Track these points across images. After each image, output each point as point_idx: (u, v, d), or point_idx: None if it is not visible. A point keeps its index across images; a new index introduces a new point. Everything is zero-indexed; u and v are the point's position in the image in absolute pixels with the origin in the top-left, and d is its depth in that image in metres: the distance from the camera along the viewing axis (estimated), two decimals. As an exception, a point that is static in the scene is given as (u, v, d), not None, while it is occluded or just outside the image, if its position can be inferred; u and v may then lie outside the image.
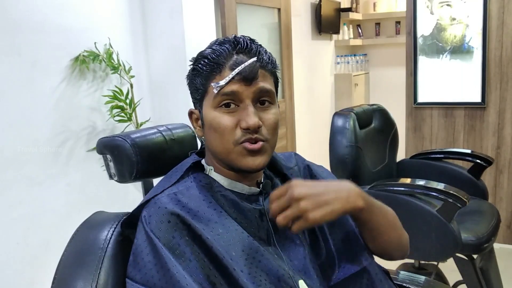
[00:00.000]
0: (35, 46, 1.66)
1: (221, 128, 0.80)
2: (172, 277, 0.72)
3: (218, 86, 0.79)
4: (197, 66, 0.84)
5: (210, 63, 0.81)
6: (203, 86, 0.83)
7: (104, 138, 0.96)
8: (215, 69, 0.81)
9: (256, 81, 0.81)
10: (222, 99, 0.80)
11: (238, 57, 0.81)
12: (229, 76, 0.79)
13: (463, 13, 2.79)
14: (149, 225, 0.77)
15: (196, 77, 0.84)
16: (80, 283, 0.77)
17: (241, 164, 0.81)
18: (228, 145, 0.81)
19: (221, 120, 0.80)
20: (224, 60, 0.81)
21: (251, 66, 0.80)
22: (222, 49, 0.82)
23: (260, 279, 0.77)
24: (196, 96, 0.86)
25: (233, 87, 0.79)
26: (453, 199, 1.67)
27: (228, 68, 0.80)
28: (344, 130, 2.03)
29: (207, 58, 0.82)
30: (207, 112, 0.82)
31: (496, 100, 2.79)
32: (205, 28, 2.20)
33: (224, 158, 0.83)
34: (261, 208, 0.86)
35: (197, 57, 0.85)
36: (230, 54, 0.81)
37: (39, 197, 1.69)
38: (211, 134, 0.83)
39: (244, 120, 0.79)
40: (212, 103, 0.81)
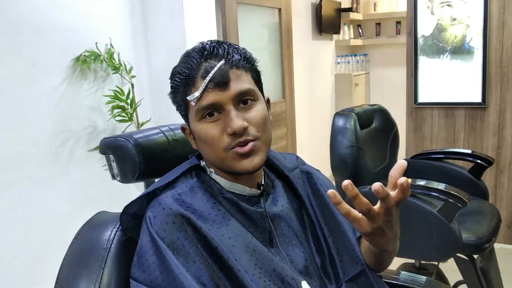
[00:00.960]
0: (36, 46, 1.66)
1: (209, 139, 0.80)
2: (175, 278, 0.72)
3: (194, 99, 0.79)
4: (173, 83, 0.83)
5: (183, 78, 0.81)
6: (183, 102, 0.82)
7: (107, 138, 0.96)
8: (189, 82, 0.80)
9: (230, 84, 0.79)
10: (203, 111, 0.79)
11: (208, 64, 0.79)
12: (202, 86, 0.78)
13: (464, 14, 2.79)
14: (153, 226, 0.77)
15: (175, 94, 0.84)
16: (83, 283, 0.77)
17: (238, 168, 0.81)
18: (220, 153, 0.80)
19: (208, 131, 0.80)
20: (196, 71, 0.80)
21: (221, 70, 0.78)
22: (191, 60, 0.81)
23: (264, 280, 0.78)
24: (181, 112, 0.86)
25: (209, 97, 0.78)
26: (454, 199, 1.67)
27: (200, 78, 0.79)
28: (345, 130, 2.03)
29: (179, 73, 0.81)
30: (194, 126, 0.83)
31: (497, 100, 2.79)
32: (206, 28, 2.21)
33: (221, 165, 0.83)
34: (262, 210, 0.86)
35: (172, 73, 0.84)
36: (200, 63, 0.80)
37: (40, 197, 1.69)
38: (202, 145, 0.83)
39: (228, 126, 0.78)
40: (196, 116, 0.81)
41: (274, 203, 0.89)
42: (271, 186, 0.91)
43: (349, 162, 2.01)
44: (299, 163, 1.01)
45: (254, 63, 0.86)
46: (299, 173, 0.98)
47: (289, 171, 0.96)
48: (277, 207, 0.89)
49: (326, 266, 0.89)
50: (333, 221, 0.93)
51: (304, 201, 0.93)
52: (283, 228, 0.87)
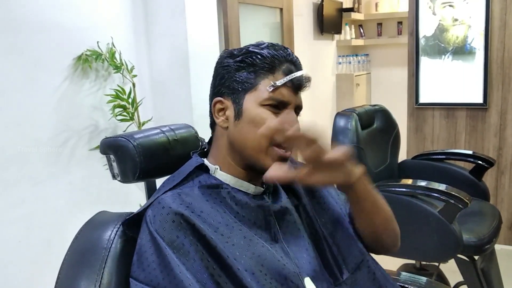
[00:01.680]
0: (37, 45, 1.66)
1: (263, 125, 0.82)
2: (175, 276, 0.72)
3: (274, 86, 0.82)
4: (249, 60, 0.84)
5: (266, 62, 0.84)
6: (251, 80, 0.84)
7: (108, 138, 0.96)
8: (270, 69, 0.84)
9: (300, 94, 0.86)
10: (272, 100, 0.83)
11: (289, 65, 0.85)
12: (285, 79, 0.83)
13: (466, 14, 2.78)
14: (153, 224, 0.77)
15: (243, 69, 0.85)
16: (84, 283, 0.77)
17: (267, 166, 0.81)
18: (262, 143, 0.82)
19: (266, 119, 0.82)
20: (279, 63, 0.84)
21: (302, 77, 0.85)
22: (278, 53, 0.85)
23: (265, 278, 0.78)
24: (236, 87, 0.85)
25: (284, 93, 0.83)
26: (455, 200, 1.67)
27: (281, 72, 0.84)
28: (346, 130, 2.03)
29: (263, 56, 0.84)
30: (251, 107, 0.83)
31: (498, 101, 2.79)
32: (208, 27, 2.21)
33: (251, 155, 0.84)
34: (266, 206, 0.87)
35: (248, 51, 0.86)
36: (283, 60, 0.85)
37: (41, 196, 1.70)
38: (249, 128, 0.83)
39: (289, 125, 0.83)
40: (260, 100, 0.83)
41: (277, 199, 0.91)
42: (272, 185, 0.92)
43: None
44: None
45: None
46: None
47: None
48: (279, 203, 0.90)
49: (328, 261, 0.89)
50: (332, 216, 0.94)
51: (301, 197, 0.94)
52: (286, 224, 0.88)
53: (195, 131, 1.05)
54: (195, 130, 1.05)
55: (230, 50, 0.89)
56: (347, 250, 0.91)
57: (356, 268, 0.90)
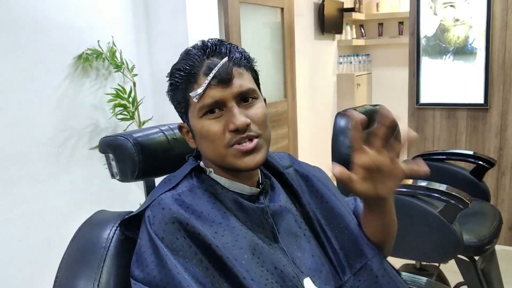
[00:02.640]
0: (38, 44, 1.66)
1: (210, 136, 0.80)
2: (174, 278, 0.72)
3: (196, 95, 0.79)
4: (173, 80, 0.83)
5: (185, 74, 0.81)
6: (183, 99, 0.82)
7: (107, 137, 0.96)
8: (191, 79, 0.80)
9: (233, 81, 0.79)
10: (205, 107, 0.79)
11: (210, 61, 0.80)
12: (205, 83, 0.78)
13: (467, 14, 2.78)
14: (152, 226, 0.77)
15: (175, 91, 0.84)
16: (82, 282, 0.77)
17: (239, 165, 0.81)
18: (220, 150, 0.80)
19: (210, 128, 0.80)
20: (198, 68, 0.80)
21: (224, 67, 0.79)
22: (193, 57, 0.81)
23: (266, 277, 0.77)
24: (180, 110, 0.85)
25: (212, 93, 0.78)
26: (455, 201, 1.67)
27: (202, 75, 0.79)
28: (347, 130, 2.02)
29: (181, 70, 0.81)
30: (194, 123, 0.82)
31: (499, 102, 2.79)
32: (209, 27, 2.20)
33: (221, 163, 0.83)
34: (263, 206, 0.86)
35: (171, 71, 0.84)
36: (202, 60, 0.80)
37: (41, 195, 1.70)
38: (202, 143, 0.83)
39: (231, 122, 0.78)
40: (197, 113, 0.81)
41: (274, 200, 0.90)
42: (269, 184, 0.92)
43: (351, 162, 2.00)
44: (293, 162, 1.01)
45: (253, 63, 0.87)
46: (294, 171, 0.98)
47: (283, 168, 0.97)
48: (277, 203, 0.89)
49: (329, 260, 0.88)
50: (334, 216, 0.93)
51: (300, 197, 0.93)
52: (285, 225, 0.87)
53: (194, 130, 1.05)
54: (195, 129, 1.05)
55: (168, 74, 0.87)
56: (352, 251, 0.89)
57: (360, 269, 0.88)
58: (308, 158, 1.07)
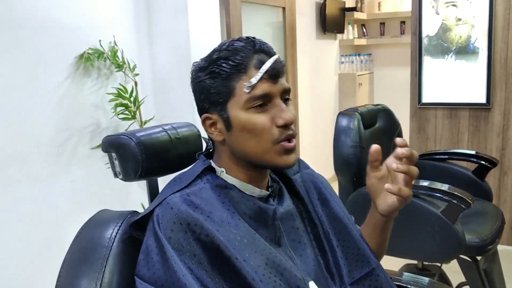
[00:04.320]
0: (39, 44, 1.66)
1: (258, 129, 0.80)
2: (179, 279, 0.72)
3: (250, 86, 0.79)
4: (216, 68, 0.81)
5: (234, 64, 0.80)
6: (226, 88, 0.80)
7: (110, 136, 0.96)
8: (241, 70, 0.80)
9: (281, 78, 0.82)
10: (254, 99, 0.79)
11: (259, 56, 0.81)
12: (259, 74, 0.79)
13: (469, 14, 2.77)
14: (160, 225, 0.76)
15: (215, 79, 0.81)
16: (85, 281, 0.77)
17: (278, 163, 0.81)
18: (266, 145, 0.80)
19: (257, 121, 0.80)
20: (248, 60, 0.80)
21: (276, 63, 0.81)
22: (243, 49, 0.81)
23: (274, 279, 0.78)
24: (215, 99, 0.82)
25: (263, 87, 0.79)
26: (458, 200, 1.66)
27: (253, 68, 0.79)
28: (349, 130, 2.02)
29: (229, 59, 0.80)
30: (238, 114, 0.80)
31: (501, 101, 2.78)
32: (210, 27, 2.20)
33: (259, 158, 0.82)
34: (272, 209, 0.86)
35: (213, 59, 0.82)
36: (251, 54, 0.81)
37: (42, 194, 1.69)
38: (244, 136, 0.81)
39: (280, 117, 0.79)
40: (243, 104, 0.80)
41: (281, 203, 0.90)
42: (278, 188, 0.92)
43: (353, 162, 2.00)
44: (301, 167, 1.01)
45: None
46: (301, 177, 0.98)
47: (292, 174, 0.97)
48: (284, 207, 0.89)
49: (330, 267, 0.89)
50: (338, 223, 0.93)
51: (306, 203, 0.94)
52: (290, 228, 0.88)
53: (197, 129, 1.04)
54: (197, 129, 1.04)
55: (198, 63, 0.85)
56: (354, 258, 0.90)
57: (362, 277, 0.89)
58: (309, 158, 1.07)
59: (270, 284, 0.76)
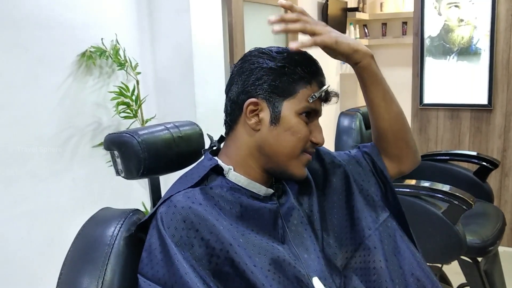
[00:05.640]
0: (41, 42, 1.66)
1: (301, 134, 0.85)
2: (182, 277, 0.72)
3: (314, 98, 0.85)
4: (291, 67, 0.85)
5: (307, 72, 0.86)
6: (292, 88, 0.85)
7: (112, 134, 0.95)
8: (308, 80, 0.86)
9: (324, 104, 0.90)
10: (308, 109, 0.86)
11: (321, 78, 0.89)
12: (321, 91, 0.86)
13: (471, 15, 2.77)
14: (163, 223, 0.76)
15: (284, 75, 0.85)
16: (87, 279, 0.77)
17: (296, 172, 0.87)
18: (296, 151, 0.86)
19: (303, 128, 0.86)
20: (315, 76, 0.87)
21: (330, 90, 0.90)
22: (314, 65, 0.88)
23: (279, 275, 0.78)
24: (276, 91, 0.85)
25: (317, 104, 0.87)
26: (459, 201, 1.66)
27: (316, 84, 0.87)
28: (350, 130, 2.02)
29: (305, 66, 0.86)
30: (290, 114, 0.85)
31: (503, 103, 2.78)
32: (212, 26, 2.20)
33: (283, 160, 0.86)
34: (276, 208, 0.87)
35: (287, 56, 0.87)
36: (317, 73, 0.88)
37: (44, 192, 1.69)
38: (285, 135, 0.85)
39: (317, 136, 0.88)
40: (299, 108, 0.85)
41: (285, 201, 0.91)
42: (281, 187, 0.93)
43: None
44: None
45: None
46: None
47: None
48: (287, 204, 0.90)
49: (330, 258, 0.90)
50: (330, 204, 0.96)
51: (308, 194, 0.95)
52: (294, 225, 0.89)
53: (199, 128, 1.04)
54: (200, 128, 1.04)
55: (266, 50, 0.89)
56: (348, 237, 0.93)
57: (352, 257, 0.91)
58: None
59: (275, 280, 0.77)
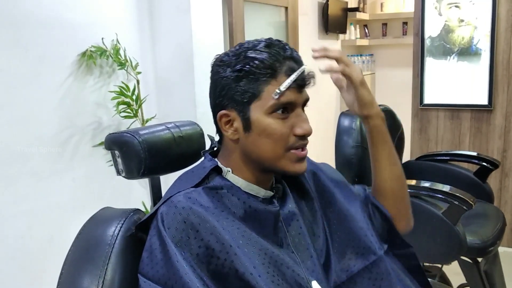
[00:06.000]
0: (42, 41, 1.66)
1: (276, 135, 0.80)
2: (181, 277, 0.72)
3: (279, 93, 0.79)
4: (247, 67, 0.79)
5: (266, 67, 0.79)
6: (254, 89, 0.79)
7: (113, 134, 0.95)
8: (271, 74, 0.79)
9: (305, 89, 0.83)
10: (278, 106, 0.79)
11: (290, 63, 0.81)
12: (288, 82, 0.79)
13: (472, 15, 2.77)
14: (164, 223, 0.76)
15: (243, 78, 0.79)
16: (87, 279, 0.77)
17: (291, 169, 0.83)
18: (280, 151, 0.81)
19: (277, 127, 0.80)
20: (279, 65, 0.80)
21: (303, 73, 0.81)
22: (276, 53, 0.80)
23: (278, 278, 0.78)
24: (239, 98, 0.80)
25: (289, 95, 0.80)
26: (459, 202, 1.66)
27: (283, 74, 0.79)
28: (351, 130, 2.02)
29: (260, 61, 0.79)
30: (259, 118, 0.80)
31: (503, 103, 2.78)
32: (212, 25, 2.20)
33: (271, 164, 0.83)
34: (276, 210, 0.86)
35: (243, 57, 0.80)
36: (284, 60, 0.80)
37: (44, 192, 1.69)
38: (261, 139, 0.81)
39: (300, 126, 0.81)
40: (267, 109, 0.80)
41: (285, 203, 0.90)
42: (281, 189, 0.92)
43: (354, 162, 2.00)
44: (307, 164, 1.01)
45: None
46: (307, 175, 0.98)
47: None
48: (288, 207, 0.89)
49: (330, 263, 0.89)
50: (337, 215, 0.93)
51: (312, 198, 0.94)
52: (293, 229, 0.88)
53: (200, 128, 1.04)
54: (200, 127, 1.04)
55: (223, 57, 0.84)
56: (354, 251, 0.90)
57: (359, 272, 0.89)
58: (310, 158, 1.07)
59: (274, 283, 0.77)
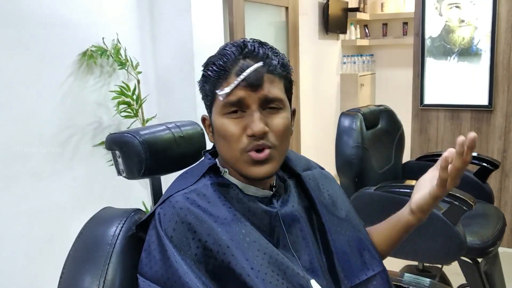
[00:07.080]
0: (42, 41, 1.66)
1: (228, 136, 0.79)
2: (180, 277, 0.72)
3: (222, 94, 0.78)
4: (205, 72, 0.83)
5: (217, 69, 0.80)
6: (211, 93, 0.82)
7: (113, 134, 0.96)
8: (222, 76, 0.79)
9: (262, 87, 0.78)
10: (228, 105, 0.79)
11: (245, 62, 0.78)
12: (234, 83, 0.77)
13: (472, 15, 2.77)
14: (162, 224, 0.76)
15: (205, 83, 0.83)
16: (88, 279, 0.77)
17: (248, 173, 0.80)
18: (235, 153, 0.80)
19: (228, 128, 0.79)
20: (231, 66, 0.79)
21: (256, 72, 0.78)
22: (229, 54, 0.79)
23: (277, 278, 0.77)
24: (206, 103, 0.85)
25: (239, 94, 0.77)
26: (459, 202, 1.66)
27: (234, 74, 0.78)
28: (351, 130, 2.02)
29: (215, 64, 0.80)
30: (216, 119, 0.82)
31: (504, 104, 2.78)
32: (213, 25, 2.20)
33: (233, 165, 0.83)
34: (274, 211, 0.85)
35: (206, 62, 0.84)
36: (237, 59, 0.79)
37: (44, 191, 1.70)
38: (220, 141, 0.82)
39: (249, 127, 0.78)
40: (220, 110, 0.80)
41: (286, 204, 0.89)
42: (283, 187, 0.91)
43: (355, 162, 2.00)
44: (311, 166, 1.01)
45: (290, 72, 0.85)
46: (311, 175, 0.97)
47: (301, 170, 0.96)
48: (288, 207, 0.88)
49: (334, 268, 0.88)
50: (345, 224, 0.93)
51: (315, 201, 0.93)
52: (293, 229, 0.87)
53: (200, 128, 1.04)
54: (201, 127, 1.04)
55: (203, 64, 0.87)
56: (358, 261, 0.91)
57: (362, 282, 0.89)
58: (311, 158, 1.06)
59: (272, 283, 0.76)
